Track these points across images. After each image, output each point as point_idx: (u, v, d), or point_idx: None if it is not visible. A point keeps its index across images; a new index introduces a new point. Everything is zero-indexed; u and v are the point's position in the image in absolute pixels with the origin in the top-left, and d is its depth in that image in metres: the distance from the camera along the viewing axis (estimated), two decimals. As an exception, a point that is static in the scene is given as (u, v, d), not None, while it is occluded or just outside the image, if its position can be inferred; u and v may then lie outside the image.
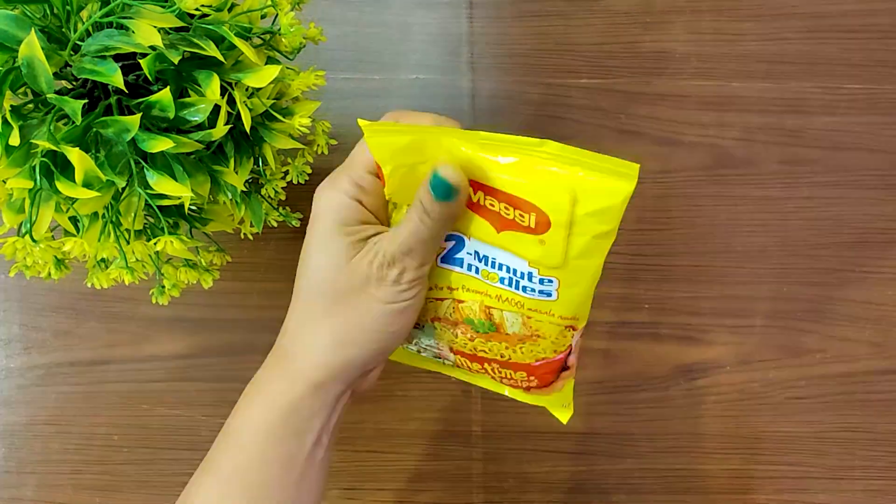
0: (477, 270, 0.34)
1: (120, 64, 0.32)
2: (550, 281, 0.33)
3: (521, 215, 0.31)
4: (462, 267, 0.35)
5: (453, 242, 0.34)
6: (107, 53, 0.32)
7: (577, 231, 0.31)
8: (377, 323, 0.32)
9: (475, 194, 0.32)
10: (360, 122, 0.31)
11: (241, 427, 0.32)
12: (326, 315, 0.32)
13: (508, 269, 0.33)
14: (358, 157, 0.33)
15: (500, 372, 0.38)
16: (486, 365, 0.38)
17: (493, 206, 0.32)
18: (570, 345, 0.37)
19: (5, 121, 0.32)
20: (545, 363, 0.37)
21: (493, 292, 0.35)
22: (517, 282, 0.34)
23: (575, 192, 0.30)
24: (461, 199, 0.31)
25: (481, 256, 0.34)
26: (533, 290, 0.34)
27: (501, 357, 0.37)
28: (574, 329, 0.36)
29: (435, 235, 0.31)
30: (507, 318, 0.35)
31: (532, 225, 0.31)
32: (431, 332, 0.38)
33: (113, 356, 0.54)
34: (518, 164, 0.31)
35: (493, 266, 0.34)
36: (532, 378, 0.38)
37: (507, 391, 0.40)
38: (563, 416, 0.41)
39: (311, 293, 0.32)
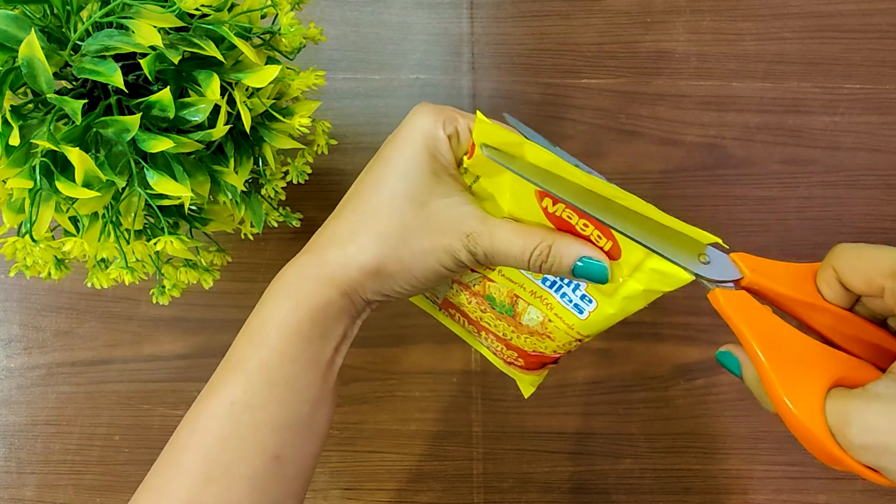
0: None
1: (120, 64, 0.32)
2: (591, 301, 0.33)
3: (598, 237, 0.30)
4: None
5: None
6: (107, 53, 0.32)
7: (638, 277, 0.31)
8: (424, 275, 0.31)
9: (554, 205, 0.31)
10: (478, 113, 0.30)
11: (267, 324, 0.31)
12: (381, 239, 0.31)
13: None
14: (465, 114, 0.32)
15: (492, 342, 0.39)
16: (482, 332, 0.39)
17: (570, 218, 0.31)
18: (570, 350, 0.37)
19: (5, 121, 0.32)
20: (540, 356, 0.38)
21: (528, 286, 0.35)
22: (561, 286, 0.34)
23: (648, 253, 0.30)
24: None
25: None
26: (570, 300, 0.34)
27: (503, 335, 0.38)
28: (580, 342, 0.36)
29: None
30: (529, 311, 0.36)
31: (605, 249, 0.30)
32: (446, 289, 0.38)
33: (113, 356, 0.54)
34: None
35: None
36: (520, 360, 0.39)
37: (488, 355, 0.41)
38: (527, 392, 0.41)
39: (377, 210, 0.31)
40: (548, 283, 0.34)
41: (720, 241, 0.29)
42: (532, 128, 0.57)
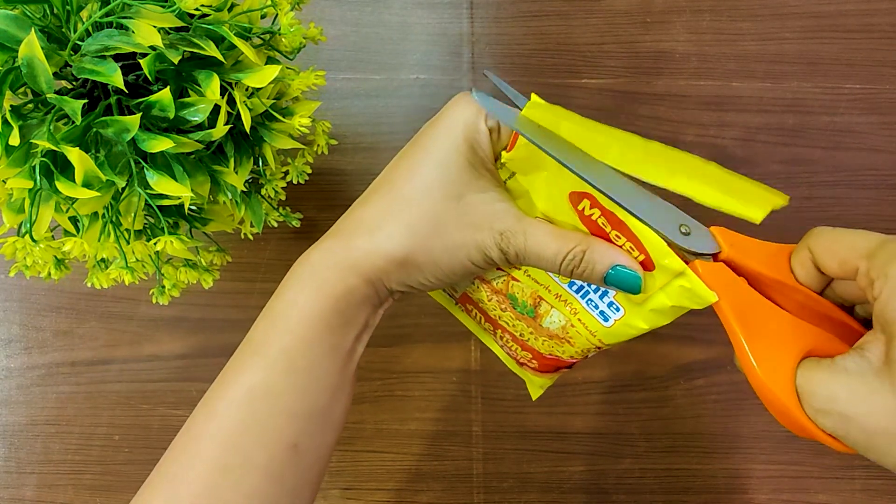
0: None
1: (120, 64, 0.32)
2: (618, 309, 0.33)
3: (631, 248, 0.30)
4: None
5: None
6: (107, 53, 0.32)
7: (668, 292, 0.30)
8: (451, 269, 0.31)
9: (591, 209, 0.30)
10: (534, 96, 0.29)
11: (290, 309, 0.31)
12: (412, 229, 0.30)
13: None
14: (503, 110, 0.31)
15: (507, 341, 0.38)
16: (498, 331, 0.38)
17: (604, 226, 0.30)
18: (587, 356, 0.37)
19: (5, 121, 0.32)
20: (556, 360, 0.38)
21: (554, 289, 0.34)
22: (588, 292, 0.33)
23: (685, 269, 0.30)
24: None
25: None
26: (596, 306, 0.33)
27: (520, 336, 0.37)
28: (599, 349, 0.36)
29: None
30: (552, 314, 0.35)
31: (639, 261, 0.30)
32: (467, 283, 0.37)
33: (113, 356, 0.54)
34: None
35: None
36: (534, 361, 0.38)
37: (500, 354, 0.41)
38: (535, 394, 0.41)
39: (409, 198, 0.30)
40: (574, 288, 0.33)
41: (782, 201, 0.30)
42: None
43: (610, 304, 0.33)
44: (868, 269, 0.27)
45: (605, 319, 0.33)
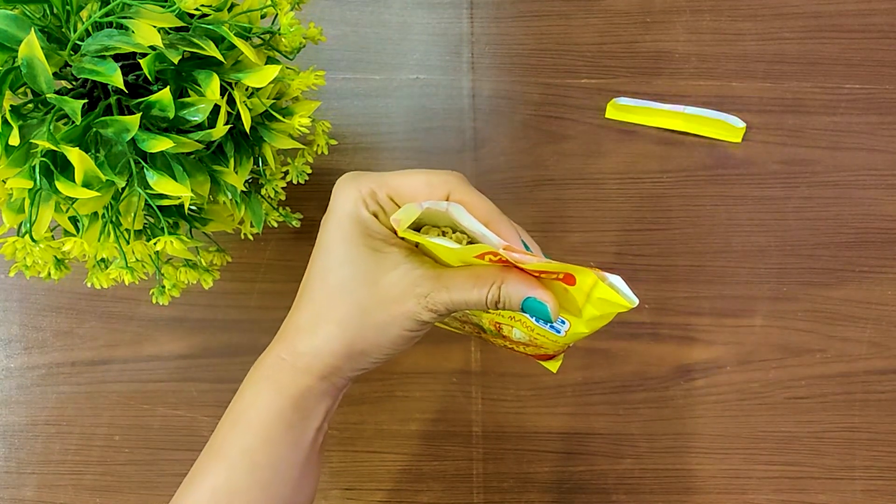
0: None
1: (120, 64, 0.32)
2: (563, 322, 0.34)
3: (550, 273, 0.31)
4: None
5: None
6: (107, 53, 0.32)
7: (592, 303, 0.32)
8: (393, 343, 0.32)
9: (496, 256, 0.31)
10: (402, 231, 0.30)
11: (249, 411, 0.32)
12: (343, 325, 0.32)
13: None
14: (393, 179, 0.32)
15: (502, 346, 0.40)
16: (483, 334, 0.41)
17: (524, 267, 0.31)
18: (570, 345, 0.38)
19: (5, 121, 0.32)
20: (545, 354, 0.39)
21: (506, 313, 0.36)
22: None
23: (596, 281, 0.31)
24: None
25: None
26: (545, 323, 0.35)
27: (504, 345, 0.40)
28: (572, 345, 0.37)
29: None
30: (514, 332, 0.37)
31: (560, 278, 0.31)
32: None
33: (113, 356, 0.54)
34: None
35: None
36: (528, 354, 0.40)
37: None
38: (555, 367, 0.42)
39: (331, 298, 0.32)
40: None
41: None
42: (532, 128, 0.58)
43: (557, 319, 0.34)
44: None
45: (558, 331, 0.35)
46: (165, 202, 0.36)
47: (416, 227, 0.32)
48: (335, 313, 0.32)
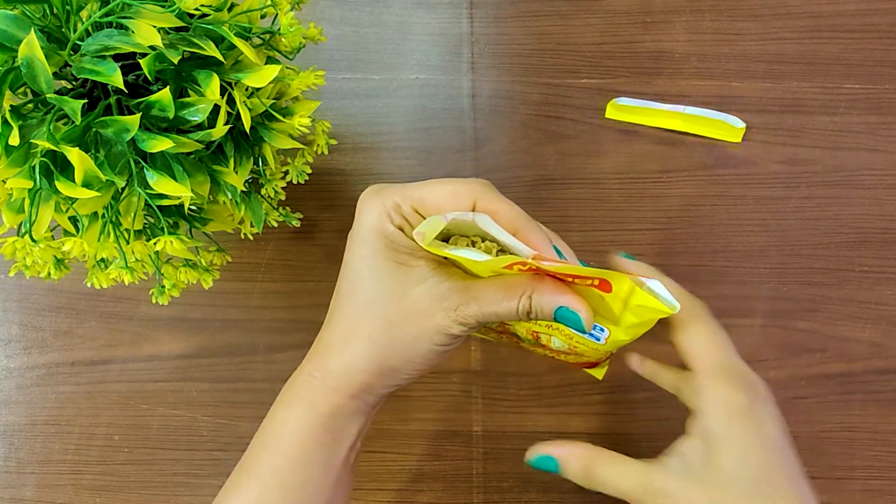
0: None
1: (120, 64, 0.32)
2: (602, 329, 0.34)
3: (584, 279, 0.30)
4: None
5: None
6: (106, 53, 0.32)
7: (631, 310, 0.31)
8: (424, 358, 0.32)
9: (524, 266, 0.30)
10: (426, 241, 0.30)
11: (281, 430, 0.32)
12: (373, 341, 0.31)
13: None
14: (417, 191, 0.31)
15: (543, 356, 0.39)
16: (522, 343, 0.40)
17: (556, 274, 0.31)
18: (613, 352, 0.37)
19: (5, 121, 0.32)
20: (588, 362, 0.39)
21: (543, 323, 0.35)
22: None
23: (633, 288, 0.31)
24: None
25: None
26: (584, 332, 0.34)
27: (545, 354, 0.39)
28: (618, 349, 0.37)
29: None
30: (553, 341, 0.36)
31: (595, 284, 0.30)
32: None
33: (113, 356, 0.54)
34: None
35: None
36: (570, 363, 0.40)
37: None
38: (600, 374, 0.42)
39: (360, 315, 0.32)
40: None
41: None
42: (532, 128, 0.58)
43: (595, 327, 0.33)
44: (702, 379, 0.34)
45: (597, 339, 0.34)
46: (165, 202, 0.36)
47: (446, 237, 0.32)
48: (364, 330, 0.31)
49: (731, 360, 0.35)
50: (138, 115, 0.32)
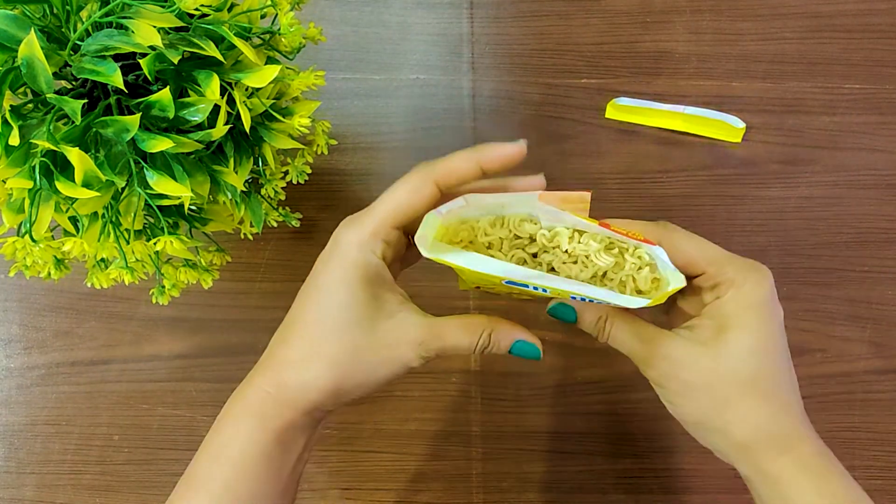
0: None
1: (120, 64, 0.32)
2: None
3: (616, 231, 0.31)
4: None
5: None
6: (106, 53, 0.32)
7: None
8: (378, 384, 0.33)
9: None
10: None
11: (231, 444, 0.32)
12: (336, 364, 0.32)
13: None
14: (384, 209, 0.32)
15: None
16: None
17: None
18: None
19: (5, 121, 0.32)
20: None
21: (558, 291, 0.33)
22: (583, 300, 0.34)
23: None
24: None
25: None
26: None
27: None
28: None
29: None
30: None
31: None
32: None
33: (113, 356, 0.54)
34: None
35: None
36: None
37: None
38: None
39: (326, 338, 0.32)
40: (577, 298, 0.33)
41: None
42: (532, 128, 0.58)
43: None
44: (715, 274, 0.34)
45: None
46: (165, 202, 0.36)
47: (459, 240, 0.32)
48: (328, 352, 0.32)
49: (730, 253, 0.35)
50: (138, 115, 0.32)
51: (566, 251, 0.32)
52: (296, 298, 0.34)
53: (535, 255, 0.33)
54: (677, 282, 0.31)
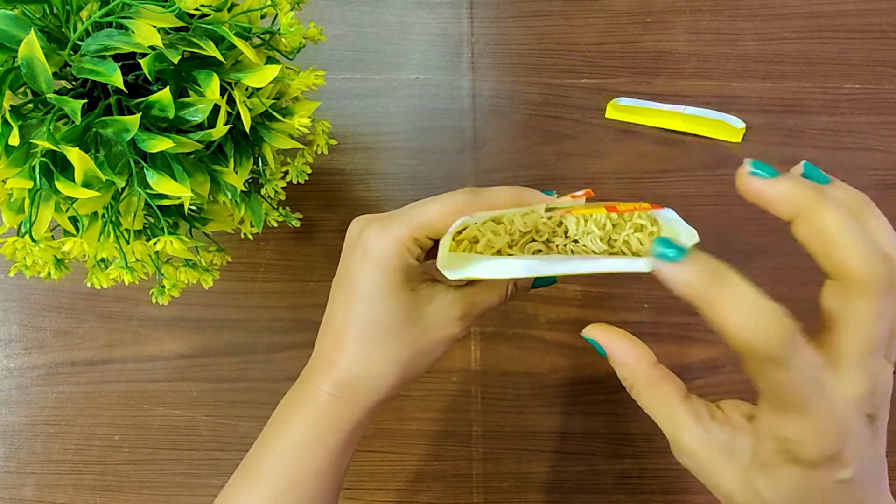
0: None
1: (120, 64, 0.32)
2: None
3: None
4: None
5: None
6: (106, 53, 0.32)
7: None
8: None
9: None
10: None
11: (300, 444, 0.34)
12: (399, 363, 0.34)
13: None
14: (425, 216, 0.33)
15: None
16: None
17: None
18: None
19: (5, 121, 0.32)
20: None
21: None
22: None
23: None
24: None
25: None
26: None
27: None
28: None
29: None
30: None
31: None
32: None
33: (113, 356, 0.54)
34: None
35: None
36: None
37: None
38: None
39: (383, 340, 0.34)
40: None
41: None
42: (532, 128, 0.58)
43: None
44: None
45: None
46: (165, 202, 0.36)
47: (475, 240, 0.33)
48: (389, 353, 0.34)
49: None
50: (138, 115, 0.32)
51: (574, 240, 0.33)
52: (334, 302, 0.35)
53: (547, 242, 0.34)
54: (690, 238, 0.31)
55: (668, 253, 0.24)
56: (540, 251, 0.33)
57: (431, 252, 0.34)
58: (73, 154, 0.31)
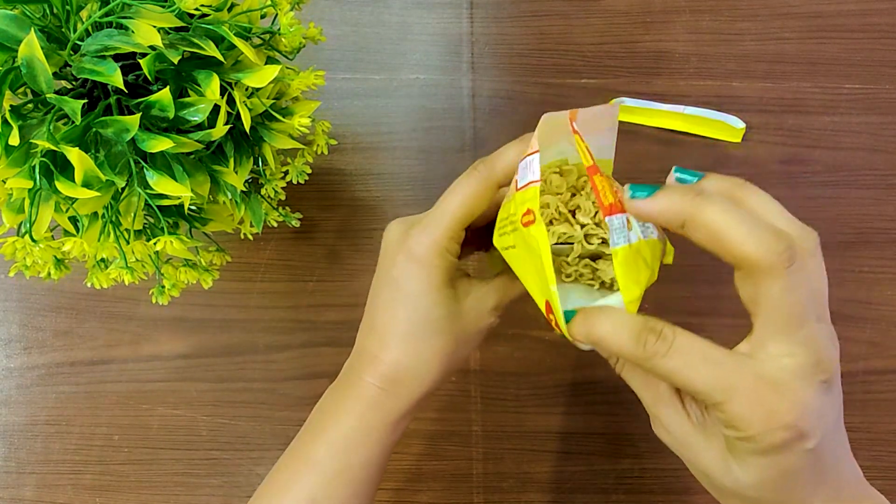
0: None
1: (120, 64, 0.32)
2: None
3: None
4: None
5: None
6: (106, 53, 0.32)
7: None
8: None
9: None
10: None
11: (349, 435, 0.35)
12: (445, 356, 0.35)
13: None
14: (455, 212, 0.34)
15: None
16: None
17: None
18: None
19: (5, 121, 0.32)
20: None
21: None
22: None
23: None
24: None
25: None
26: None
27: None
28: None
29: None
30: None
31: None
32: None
33: (113, 356, 0.54)
34: None
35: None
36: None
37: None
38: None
39: (430, 337, 0.35)
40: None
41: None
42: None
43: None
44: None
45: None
46: (165, 202, 0.36)
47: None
48: (435, 348, 0.35)
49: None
50: (138, 115, 0.32)
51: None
52: (377, 302, 0.36)
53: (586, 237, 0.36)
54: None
55: (639, 193, 0.29)
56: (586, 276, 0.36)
57: (464, 242, 0.36)
58: (73, 154, 0.31)
